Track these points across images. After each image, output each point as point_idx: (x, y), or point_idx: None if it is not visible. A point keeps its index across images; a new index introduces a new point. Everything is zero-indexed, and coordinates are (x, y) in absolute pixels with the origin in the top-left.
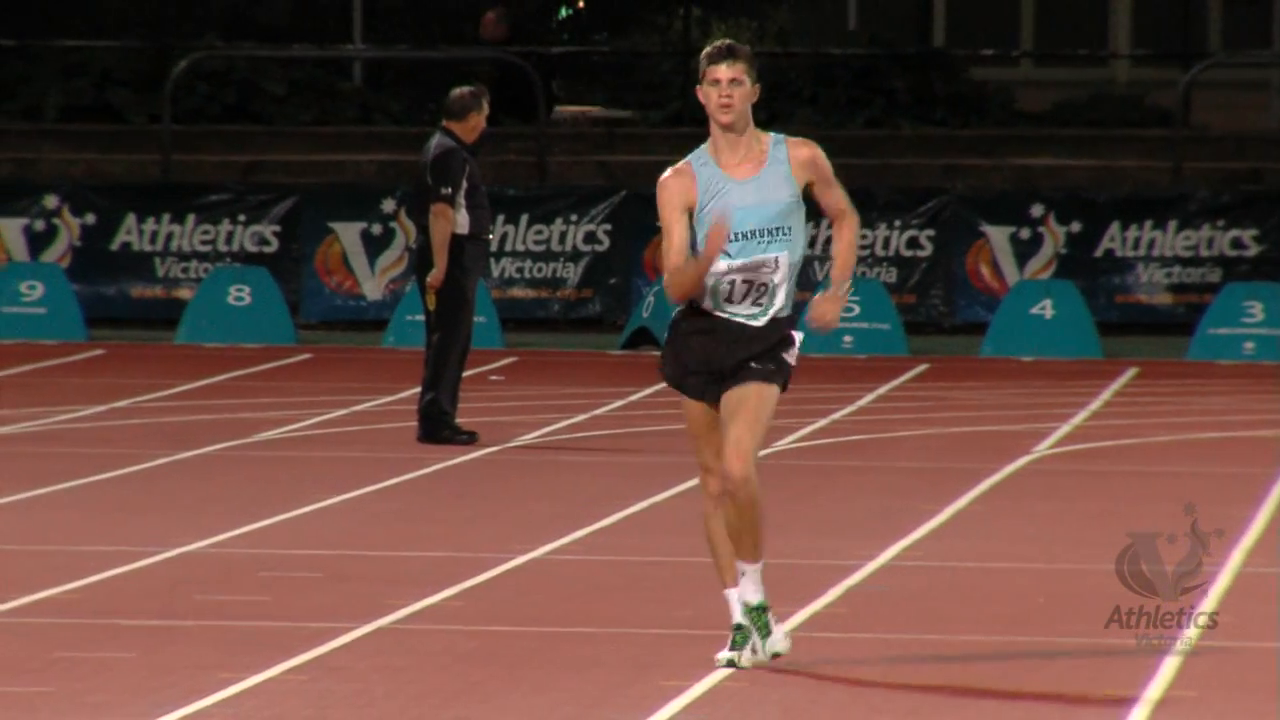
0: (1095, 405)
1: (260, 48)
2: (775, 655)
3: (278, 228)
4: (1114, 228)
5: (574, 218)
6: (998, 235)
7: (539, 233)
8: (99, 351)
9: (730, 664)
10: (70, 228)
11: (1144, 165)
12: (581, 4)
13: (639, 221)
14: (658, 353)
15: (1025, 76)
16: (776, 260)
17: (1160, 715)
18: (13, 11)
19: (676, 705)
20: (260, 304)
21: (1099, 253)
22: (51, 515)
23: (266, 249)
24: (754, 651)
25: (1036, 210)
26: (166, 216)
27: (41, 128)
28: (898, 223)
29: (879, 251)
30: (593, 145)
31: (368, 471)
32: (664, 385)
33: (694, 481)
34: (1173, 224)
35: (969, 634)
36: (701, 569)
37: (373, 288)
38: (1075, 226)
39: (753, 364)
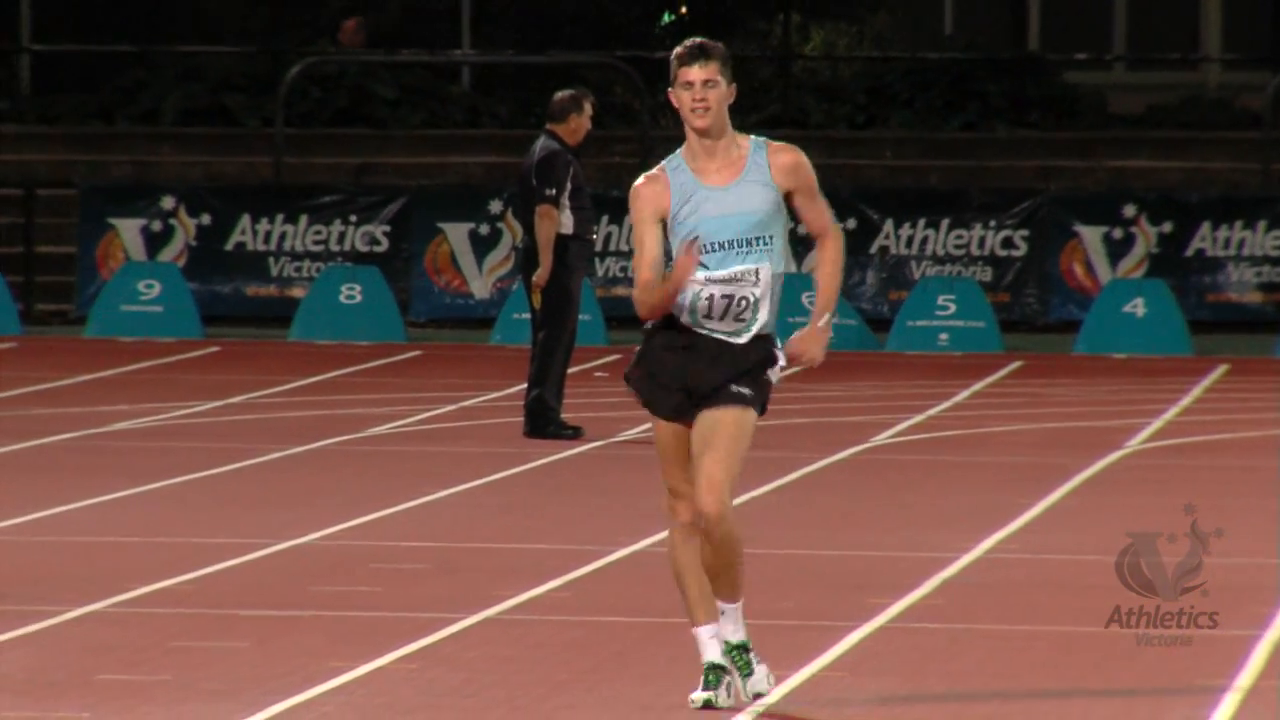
0: (1186, 401)
1: (371, 53)
2: (757, 695)
3: (388, 228)
4: (1204, 228)
5: None
6: (1091, 235)
7: None
8: (214, 348)
9: (708, 704)
10: (186, 228)
11: (1234, 167)
12: (684, 10)
13: None
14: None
15: (1118, 80)
16: (757, 272)
17: (1250, 703)
18: (132, 20)
19: (777, 694)
20: (371, 302)
21: (1190, 252)
22: (169, 508)
23: (377, 249)
24: (730, 692)
25: (1129, 211)
26: (280, 217)
27: (159, 131)
28: (993, 223)
29: (974, 251)
30: None
31: (475, 466)
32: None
33: (793, 475)
34: (1262, 224)
35: (1064, 624)
36: (802, 561)
37: (480, 286)
38: (1167, 227)
39: (731, 386)
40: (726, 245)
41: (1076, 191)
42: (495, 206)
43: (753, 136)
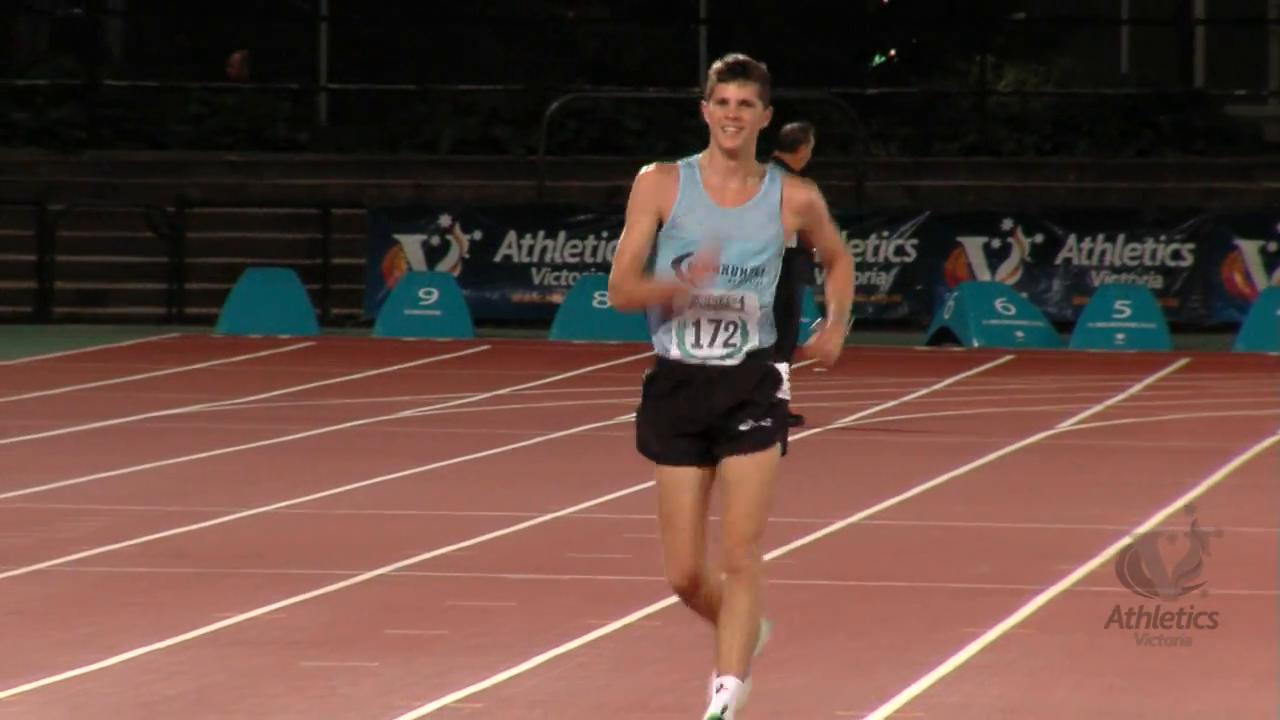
0: None
1: (621, 90)
2: None
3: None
4: None
5: (885, 234)
6: (1249, 248)
7: (856, 246)
8: (484, 347)
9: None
10: (461, 243)
11: None
12: (893, 53)
13: (941, 237)
14: (957, 348)
15: (1273, 112)
16: (743, 300)
17: None
18: (415, 61)
19: (971, 650)
20: None
21: None
22: (446, 485)
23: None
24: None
25: None
26: (541, 233)
27: (437, 159)
28: (1163, 237)
29: (1147, 262)
30: (901, 172)
31: None
32: (964, 375)
33: (987, 458)
34: None
35: (1227, 589)
36: (994, 533)
37: None
38: None
39: (748, 421)
40: (719, 269)
41: (1236, 210)
42: None
43: (770, 167)
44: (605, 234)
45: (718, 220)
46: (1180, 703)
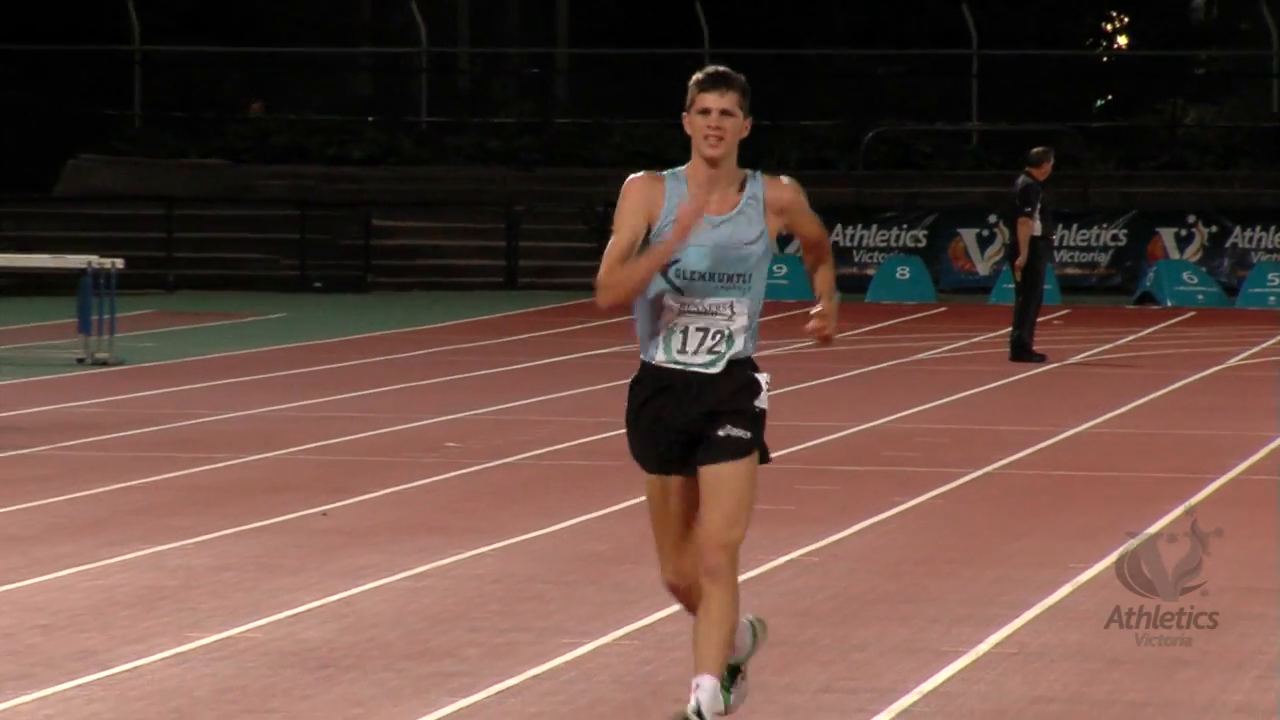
0: None
1: (917, 124)
2: None
3: (926, 232)
4: None
5: (1104, 225)
6: None
7: (1083, 235)
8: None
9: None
10: None
11: None
12: (1110, 97)
13: (1144, 228)
14: (1155, 307)
15: None
16: (732, 306)
17: None
18: (768, 102)
19: (1163, 521)
20: (915, 278)
21: None
22: (792, 406)
23: (918, 245)
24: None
25: None
26: (859, 225)
27: (784, 174)
28: None
29: None
30: (1116, 182)
31: (978, 378)
32: (1160, 326)
33: (1172, 386)
34: None
35: None
36: (1178, 439)
37: (983, 268)
38: None
39: (725, 428)
40: (706, 276)
41: None
42: (991, 218)
43: (751, 171)
44: (905, 225)
45: (703, 230)
46: None
